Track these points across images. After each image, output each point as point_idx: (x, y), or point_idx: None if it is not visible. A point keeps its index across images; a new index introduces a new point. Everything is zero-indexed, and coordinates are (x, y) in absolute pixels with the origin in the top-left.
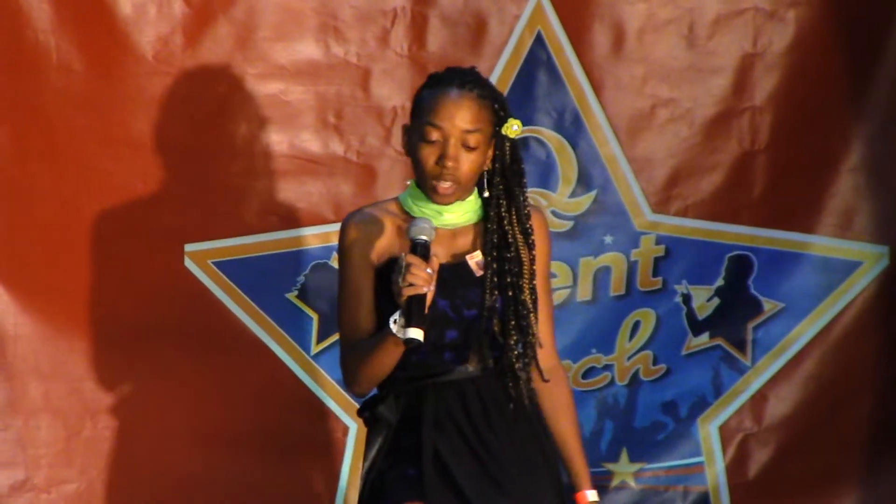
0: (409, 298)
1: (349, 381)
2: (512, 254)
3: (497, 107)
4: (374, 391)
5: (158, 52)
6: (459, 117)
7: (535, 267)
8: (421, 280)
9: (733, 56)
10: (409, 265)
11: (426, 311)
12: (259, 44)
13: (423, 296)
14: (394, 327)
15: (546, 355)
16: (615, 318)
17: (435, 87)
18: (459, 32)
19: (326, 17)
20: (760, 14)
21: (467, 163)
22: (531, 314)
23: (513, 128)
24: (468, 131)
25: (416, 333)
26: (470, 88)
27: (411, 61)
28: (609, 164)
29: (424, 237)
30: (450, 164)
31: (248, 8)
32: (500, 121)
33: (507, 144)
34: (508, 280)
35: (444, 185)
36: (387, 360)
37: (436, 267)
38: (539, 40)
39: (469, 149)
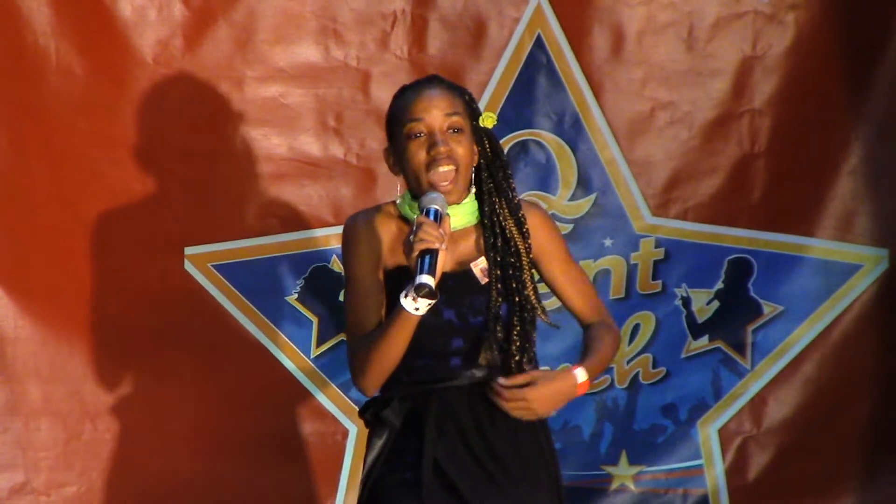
0: (420, 253)
1: (357, 375)
2: (512, 247)
3: (468, 98)
4: (377, 393)
5: (158, 55)
6: (436, 105)
7: (531, 256)
8: (432, 237)
9: (733, 59)
10: (420, 224)
11: (437, 266)
12: (258, 47)
13: (436, 251)
14: (404, 301)
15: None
16: (615, 321)
17: (401, 95)
18: (459, 35)
19: (326, 20)
20: (760, 17)
21: (460, 146)
22: (535, 312)
23: (488, 118)
24: (449, 114)
25: (428, 279)
26: (437, 83)
27: (411, 64)
28: (609, 167)
29: (436, 206)
30: (442, 148)
31: (247, 11)
32: (474, 113)
33: (486, 140)
34: (513, 284)
35: (444, 170)
36: (398, 339)
37: (448, 230)
38: (539, 43)
39: (456, 131)
